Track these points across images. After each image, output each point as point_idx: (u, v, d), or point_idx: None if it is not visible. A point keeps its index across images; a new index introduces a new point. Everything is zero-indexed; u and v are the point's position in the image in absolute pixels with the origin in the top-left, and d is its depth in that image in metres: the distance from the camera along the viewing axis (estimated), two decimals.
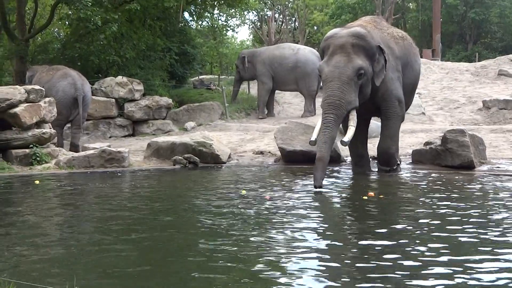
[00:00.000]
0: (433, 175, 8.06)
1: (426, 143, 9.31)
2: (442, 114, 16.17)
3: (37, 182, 7.77)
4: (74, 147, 11.54)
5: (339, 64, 7.31)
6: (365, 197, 6.19)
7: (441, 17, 33.81)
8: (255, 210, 5.65)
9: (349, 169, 8.77)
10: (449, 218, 5.05)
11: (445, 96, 18.25)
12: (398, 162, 8.49)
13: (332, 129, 7.15)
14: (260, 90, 18.16)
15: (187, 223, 5.17)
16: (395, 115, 8.26)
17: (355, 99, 7.37)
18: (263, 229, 4.80)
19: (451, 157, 8.49)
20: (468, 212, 5.31)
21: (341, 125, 7.80)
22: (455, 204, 5.70)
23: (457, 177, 7.70)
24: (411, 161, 9.25)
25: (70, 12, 18.05)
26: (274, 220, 5.14)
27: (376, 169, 8.60)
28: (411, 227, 4.75)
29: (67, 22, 19.74)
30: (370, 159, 8.96)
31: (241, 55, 18.92)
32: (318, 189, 6.69)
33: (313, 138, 7.35)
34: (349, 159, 9.24)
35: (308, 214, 5.37)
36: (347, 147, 8.16)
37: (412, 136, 12.05)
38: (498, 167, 8.56)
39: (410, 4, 44.23)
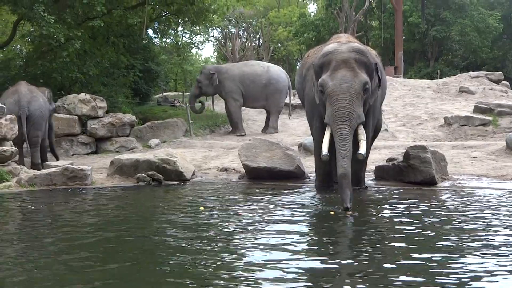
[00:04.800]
0: (396, 191, 8.11)
1: (389, 159, 9.36)
2: (404, 131, 16.37)
3: None
4: (35, 166, 11.31)
5: (346, 78, 7.02)
6: (332, 212, 6.17)
7: (403, 35, 34.37)
8: (225, 226, 5.59)
9: (313, 186, 8.70)
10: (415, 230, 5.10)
11: (408, 113, 18.50)
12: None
13: (350, 142, 6.84)
14: (233, 107, 18.09)
15: (154, 242, 5.09)
16: (370, 137, 8.15)
17: (363, 113, 7.15)
18: (236, 246, 4.73)
19: (414, 173, 8.55)
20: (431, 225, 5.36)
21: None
22: (418, 218, 5.76)
23: (419, 193, 7.75)
24: (373, 178, 9.31)
25: (33, 29, 17.90)
26: (247, 236, 5.08)
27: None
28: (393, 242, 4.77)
29: (29, 39, 19.54)
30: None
31: (206, 71, 18.59)
32: (350, 212, 6.18)
33: (324, 152, 7.02)
34: (312, 175, 9.23)
35: (279, 230, 5.27)
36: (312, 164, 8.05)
37: (375, 153, 12.11)
38: (460, 183, 8.66)
39: (373, 22, 44.89)
